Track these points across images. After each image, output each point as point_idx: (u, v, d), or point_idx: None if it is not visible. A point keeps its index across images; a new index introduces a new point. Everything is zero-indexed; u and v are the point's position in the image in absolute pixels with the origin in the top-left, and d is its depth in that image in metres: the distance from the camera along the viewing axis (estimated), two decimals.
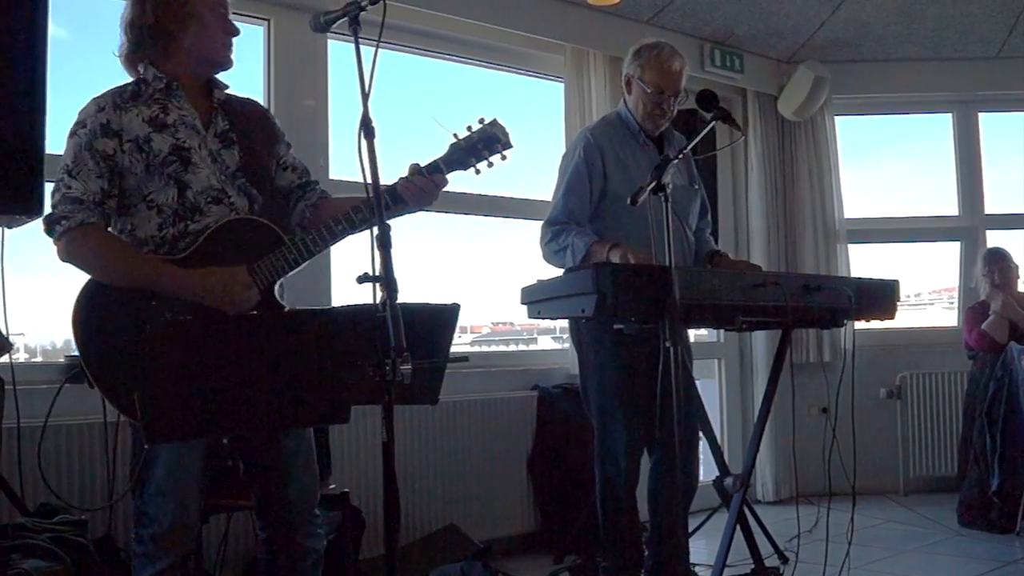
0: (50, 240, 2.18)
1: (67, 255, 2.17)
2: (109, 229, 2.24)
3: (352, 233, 2.24)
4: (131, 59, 2.29)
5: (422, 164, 2.29)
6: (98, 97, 2.24)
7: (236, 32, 2.34)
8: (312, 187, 2.48)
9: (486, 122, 2.28)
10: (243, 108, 2.41)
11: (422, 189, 2.26)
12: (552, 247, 3.31)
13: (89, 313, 2.14)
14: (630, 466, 3.29)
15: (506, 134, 2.29)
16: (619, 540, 3.34)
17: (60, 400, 3.03)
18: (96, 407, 3.11)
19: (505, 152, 2.30)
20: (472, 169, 2.30)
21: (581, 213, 3.33)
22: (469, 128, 2.28)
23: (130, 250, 2.20)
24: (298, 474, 2.31)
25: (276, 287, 2.27)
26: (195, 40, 2.26)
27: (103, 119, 2.19)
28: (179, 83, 2.28)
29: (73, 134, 2.20)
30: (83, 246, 2.15)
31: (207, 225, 2.21)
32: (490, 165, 2.29)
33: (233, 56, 2.34)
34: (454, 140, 2.28)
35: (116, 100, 2.22)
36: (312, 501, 2.35)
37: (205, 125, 2.29)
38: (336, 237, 2.23)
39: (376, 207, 1.85)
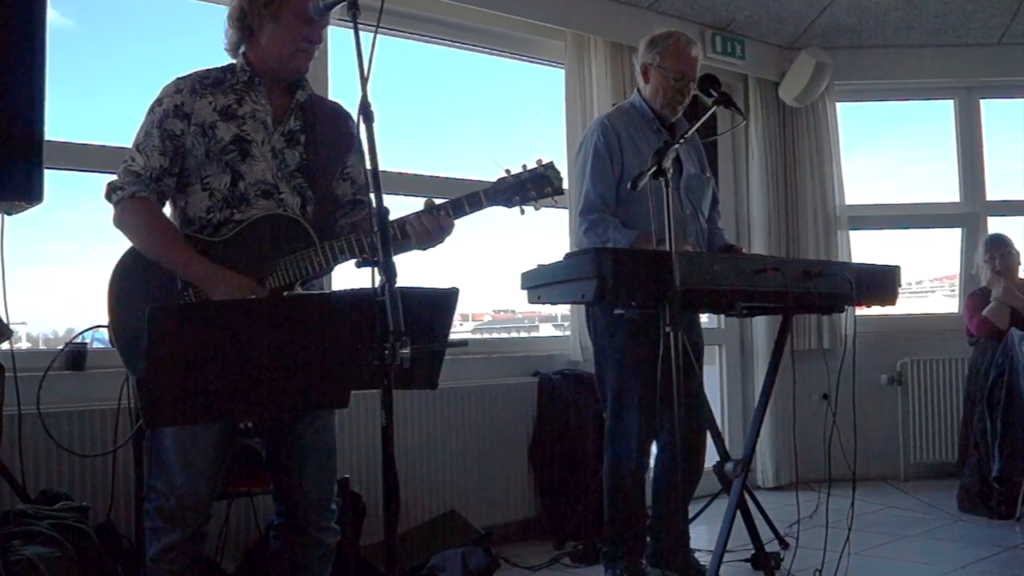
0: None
1: (117, 222, 2.30)
2: (167, 207, 2.34)
3: None
4: (231, 46, 2.40)
5: (466, 198, 2.26)
6: (180, 78, 2.34)
7: (318, 41, 2.35)
8: (362, 206, 2.48)
9: (542, 163, 2.28)
10: (323, 112, 2.45)
11: (427, 230, 2.23)
12: (591, 238, 3.29)
13: (121, 283, 2.25)
14: (641, 451, 3.30)
15: (560, 179, 2.28)
16: (624, 525, 3.35)
17: (59, 387, 3.04)
18: (92, 395, 3.15)
19: (555, 197, 2.28)
20: (517, 208, 2.27)
21: (609, 196, 3.35)
22: (524, 166, 2.27)
23: (170, 231, 2.28)
24: (313, 471, 2.33)
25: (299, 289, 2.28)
26: (270, 39, 2.32)
27: (178, 100, 2.29)
28: (261, 78, 2.35)
29: (150, 111, 2.31)
30: (130, 216, 2.27)
31: (250, 216, 2.28)
32: (536, 208, 2.26)
33: (308, 64, 2.37)
34: (504, 175, 2.27)
35: (195, 85, 2.32)
36: (327, 496, 2.37)
37: (276, 122, 2.35)
38: (364, 250, 2.21)
39: (375, 191, 1.85)
